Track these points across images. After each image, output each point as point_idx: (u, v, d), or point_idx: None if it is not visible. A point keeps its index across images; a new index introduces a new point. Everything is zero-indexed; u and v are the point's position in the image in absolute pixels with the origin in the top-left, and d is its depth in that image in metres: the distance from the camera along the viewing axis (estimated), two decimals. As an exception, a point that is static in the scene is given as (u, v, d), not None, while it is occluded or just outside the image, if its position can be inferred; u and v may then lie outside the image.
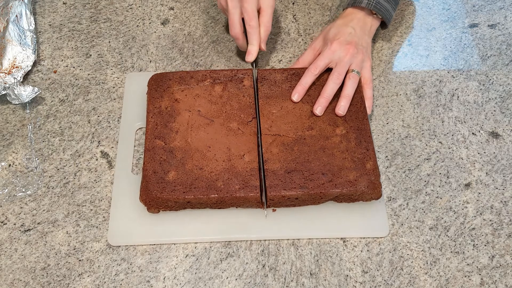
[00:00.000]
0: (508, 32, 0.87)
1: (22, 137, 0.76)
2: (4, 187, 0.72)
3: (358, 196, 0.68)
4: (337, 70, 0.73)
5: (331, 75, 0.73)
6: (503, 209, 0.70)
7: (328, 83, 0.72)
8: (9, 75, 0.78)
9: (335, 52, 0.74)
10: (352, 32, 0.76)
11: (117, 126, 0.77)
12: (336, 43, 0.74)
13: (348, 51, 0.74)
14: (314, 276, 0.65)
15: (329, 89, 0.72)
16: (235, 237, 0.67)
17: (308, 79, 0.73)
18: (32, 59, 0.81)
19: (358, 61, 0.75)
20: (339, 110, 0.71)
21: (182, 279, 0.65)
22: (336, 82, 0.72)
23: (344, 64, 0.73)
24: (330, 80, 0.73)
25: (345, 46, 0.74)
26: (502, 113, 0.78)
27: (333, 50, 0.74)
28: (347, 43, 0.74)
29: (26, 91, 0.76)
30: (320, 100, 0.72)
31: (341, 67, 0.73)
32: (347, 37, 0.75)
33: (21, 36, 0.82)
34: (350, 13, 0.79)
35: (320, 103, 0.71)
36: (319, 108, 0.71)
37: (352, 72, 0.73)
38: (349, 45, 0.74)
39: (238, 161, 0.68)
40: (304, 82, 0.73)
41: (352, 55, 0.74)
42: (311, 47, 0.79)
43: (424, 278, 0.65)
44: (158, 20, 0.88)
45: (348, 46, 0.74)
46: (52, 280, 0.65)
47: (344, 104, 0.72)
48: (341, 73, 0.73)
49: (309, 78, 0.73)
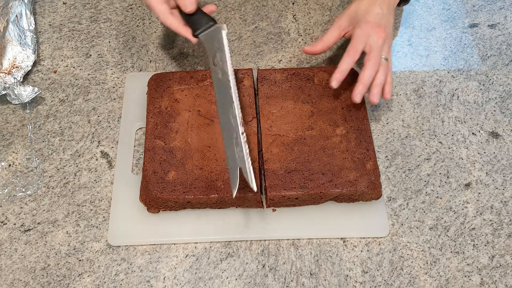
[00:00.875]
0: (508, 32, 0.87)
1: (22, 137, 0.76)
2: (4, 187, 0.72)
3: (358, 196, 0.68)
4: (373, 56, 0.69)
5: (368, 62, 0.69)
6: (503, 209, 0.70)
7: (365, 70, 0.69)
8: (9, 75, 0.78)
9: (369, 35, 0.70)
10: (380, 12, 0.72)
11: (117, 126, 0.77)
12: (369, 26, 0.70)
13: (381, 35, 0.70)
14: (314, 276, 0.65)
15: (367, 75, 0.69)
16: (235, 237, 0.67)
17: (347, 65, 0.70)
18: (32, 59, 0.81)
19: (387, 47, 0.72)
20: (374, 98, 0.69)
21: (182, 279, 0.65)
22: (374, 68, 0.69)
23: (378, 50, 0.70)
24: (367, 67, 0.69)
25: (377, 30, 0.70)
26: (502, 113, 0.78)
27: (367, 33, 0.70)
28: (378, 26, 0.71)
29: (26, 91, 0.76)
30: (359, 87, 0.69)
31: (376, 52, 0.70)
32: (377, 18, 0.71)
33: (21, 36, 0.82)
34: None
35: (359, 90, 0.69)
36: (358, 96, 0.69)
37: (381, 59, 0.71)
38: (380, 28, 0.71)
39: (238, 161, 0.68)
40: (344, 68, 0.69)
41: (384, 40, 0.70)
42: (336, 25, 0.73)
43: (424, 278, 0.65)
44: (158, 20, 0.88)
45: (379, 30, 0.70)
46: (52, 280, 0.65)
47: (377, 92, 0.70)
48: (377, 59, 0.70)
49: (349, 64, 0.70)
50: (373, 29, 0.70)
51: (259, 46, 0.85)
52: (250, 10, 0.89)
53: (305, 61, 0.83)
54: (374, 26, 0.70)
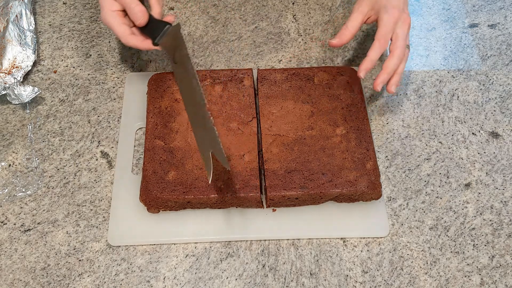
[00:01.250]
0: (508, 32, 0.87)
1: (22, 137, 0.76)
2: (4, 187, 0.72)
3: (358, 196, 0.68)
4: (400, 45, 0.68)
5: (395, 50, 0.68)
6: (503, 209, 0.70)
7: (391, 58, 0.68)
8: (9, 75, 0.78)
9: (397, 21, 0.68)
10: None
11: (117, 126, 0.77)
12: (396, 11, 0.68)
13: (406, 21, 0.68)
14: (314, 276, 0.65)
15: (393, 64, 0.67)
16: (235, 237, 0.67)
17: (377, 53, 0.68)
18: (32, 59, 0.81)
19: (408, 34, 0.70)
20: (393, 88, 0.69)
21: (182, 279, 0.65)
22: (400, 58, 0.68)
23: (405, 38, 0.68)
24: (394, 56, 0.67)
25: (404, 16, 0.68)
26: (502, 113, 0.78)
27: (395, 20, 0.68)
28: (404, 12, 0.69)
29: (26, 91, 0.76)
30: (383, 76, 0.68)
31: (402, 41, 0.68)
32: (401, 3, 0.69)
33: (21, 36, 0.82)
34: None
35: (383, 79, 0.68)
36: (381, 85, 0.68)
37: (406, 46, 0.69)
38: (406, 14, 0.69)
39: (238, 161, 0.68)
40: (374, 57, 0.68)
41: (409, 27, 0.69)
42: (358, 11, 0.70)
43: (424, 278, 0.65)
44: (158, 20, 0.88)
45: (406, 16, 0.68)
46: (52, 280, 0.65)
47: (398, 81, 0.69)
48: (403, 48, 0.68)
49: (379, 52, 0.68)
50: (400, 15, 0.68)
51: (259, 46, 0.85)
52: (250, 10, 0.89)
53: (305, 61, 0.83)
54: (401, 11, 0.68)
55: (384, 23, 0.68)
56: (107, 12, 0.66)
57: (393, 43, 0.68)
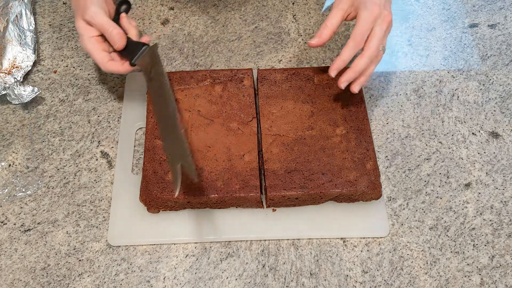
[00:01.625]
0: (508, 32, 0.87)
1: (22, 137, 0.76)
2: (4, 187, 0.72)
3: (358, 196, 0.68)
4: (374, 45, 0.64)
5: (366, 50, 0.64)
6: (503, 209, 0.70)
7: (361, 58, 0.64)
8: (9, 75, 0.78)
9: (376, 19, 0.64)
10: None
11: (117, 126, 0.77)
12: (376, 8, 0.64)
13: (386, 20, 0.64)
14: (314, 276, 0.65)
15: (362, 64, 0.64)
16: (235, 237, 0.67)
17: (350, 53, 0.64)
18: (32, 59, 0.81)
19: (387, 35, 0.66)
20: (357, 87, 0.66)
21: (182, 279, 0.65)
22: (371, 57, 0.64)
23: (381, 37, 0.64)
24: (365, 55, 0.64)
25: (385, 13, 0.64)
26: (502, 113, 0.78)
27: (374, 17, 0.64)
28: (385, 9, 0.65)
29: (26, 91, 0.76)
30: (349, 74, 0.65)
31: (378, 41, 0.64)
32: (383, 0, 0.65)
33: (21, 36, 0.82)
34: None
35: (348, 77, 0.65)
36: (345, 83, 0.66)
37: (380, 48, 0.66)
38: (386, 11, 0.65)
39: (238, 161, 0.68)
40: (346, 56, 0.64)
41: (388, 25, 0.65)
42: (338, 7, 0.66)
43: (424, 278, 0.65)
44: (158, 20, 0.88)
45: (387, 14, 0.65)
46: (52, 280, 0.65)
47: (363, 81, 0.66)
48: (377, 49, 0.64)
49: (352, 52, 0.64)
50: (381, 12, 0.64)
51: (259, 46, 0.85)
52: (250, 10, 0.89)
53: (305, 61, 0.83)
54: (382, 8, 0.65)
55: (361, 21, 0.64)
56: (86, 39, 0.67)
57: (367, 42, 0.64)
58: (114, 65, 0.67)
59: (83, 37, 0.67)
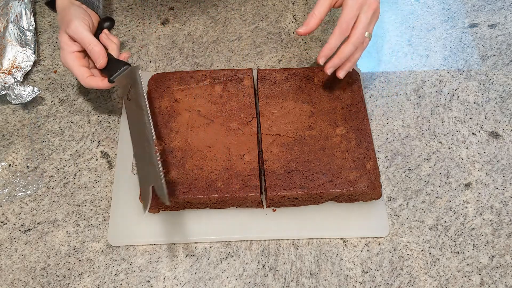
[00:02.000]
0: (508, 32, 0.87)
1: (22, 137, 0.76)
2: (4, 187, 0.72)
3: (358, 196, 0.68)
4: (359, 32, 0.64)
5: (352, 36, 0.65)
6: (503, 209, 0.70)
7: (347, 44, 0.65)
8: (9, 75, 0.78)
9: (362, 6, 0.64)
10: None
11: (117, 126, 0.77)
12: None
13: (372, 6, 0.64)
14: (314, 276, 0.65)
15: (348, 50, 0.65)
16: (235, 237, 0.67)
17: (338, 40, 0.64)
18: (32, 59, 0.81)
19: (374, 21, 0.67)
20: (342, 73, 0.67)
21: (182, 279, 0.65)
22: (356, 44, 0.65)
23: (366, 25, 0.65)
24: (350, 42, 0.65)
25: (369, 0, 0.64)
26: (502, 113, 0.78)
27: (359, 4, 0.64)
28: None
29: (26, 91, 0.76)
30: (334, 61, 0.66)
31: (363, 28, 0.64)
32: None
33: (21, 36, 0.82)
34: None
35: (334, 64, 0.66)
36: (331, 69, 0.66)
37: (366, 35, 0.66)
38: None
39: (238, 161, 0.68)
40: (333, 44, 0.64)
41: (375, 12, 0.65)
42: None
43: (424, 278, 0.65)
44: (158, 20, 0.88)
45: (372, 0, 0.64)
46: (52, 280, 0.65)
47: (349, 67, 0.67)
48: (362, 36, 0.65)
49: (339, 39, 0.65)
50: None
51: (259, 46, 0.85)
52: (250, 10, 0.89)
53: (305, 61, 0.83)
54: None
55: (347, 8, 0.64)
56: (66, 54, 0.67)
57: (353, 28, 0.65)
58: (93, 80, 0.67)
59: (64, 51, 0.67)
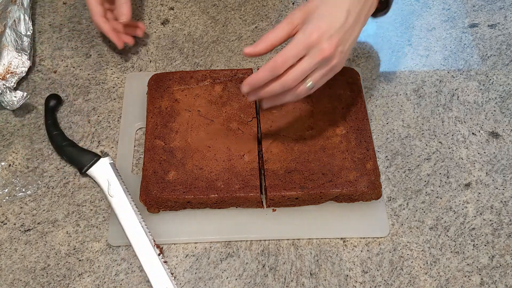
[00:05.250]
0: (508, 32, 0.87)
1: (22, 137, 0.76)
2: (4, 187, 0.72)
3: (358, 196, 0.68)
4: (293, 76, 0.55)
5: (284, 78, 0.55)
6: (503, 209, 0.70)
7: (276, 83, 0.56)
8: (3, 81, 0.76)
9: (310, 47, 0.54)
10: (342, 20, 0.54)
11: (117, 126, 0.77)
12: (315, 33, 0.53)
13: (321, 53, 0.54)
14: (314, 276, 0.65)
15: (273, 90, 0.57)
16: (235, 237, 0.67)
17: (266, 75, 0.55)
18: (27, 65, 0.79)
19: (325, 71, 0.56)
20: (264, 105, 0.60)
21: (182, 279, 0.65)
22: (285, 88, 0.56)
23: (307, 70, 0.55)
24: (280, 82, 0.55)
25: (323, 45, 0.53)
26: (502, 113, 0.78)
27: (308, 43, 0.53)
28: (329, 37, 0.54)
29: (17, 96, 0.74)
30: (258, 92, 0.58)
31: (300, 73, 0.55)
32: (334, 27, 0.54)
33: (18, 41, 0.80)
34: None
35: (257, 95, 0.58)
36: (251, 97, 0.59)
37: (305, 83, 0.56)
38: (330, 42, 0.54)
39: (238, 161, 0.68)
40: (261, 77, 0.55)
41: (327, 62, 0.55)
42: (288, 20, 0.56)
43: (424, 278, 0.65)
44: (158, 20, 0.88)
45: (326, 46, 0.54)
46: (52, 280, 0.65)
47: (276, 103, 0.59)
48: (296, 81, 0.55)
49: (268, 75, 0.55)
50: (319, 42, 0.54)
51: (259, 46, 0.85)
52: (250, 10, 0.89)
53: (305, 61, 0.83)
54: (324, 39, 0.54)
55: (292, 43, 0.54)
56: None
57: (288, 70, 0.55)
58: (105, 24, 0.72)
59: None
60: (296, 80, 0.55)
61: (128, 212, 0.67)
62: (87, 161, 0.71)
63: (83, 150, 0.72)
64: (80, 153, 0.72)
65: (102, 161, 0.71)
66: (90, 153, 0.72)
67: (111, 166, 0.70)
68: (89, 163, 0.70)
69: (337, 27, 0.54)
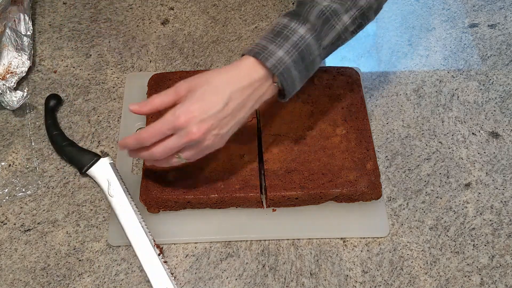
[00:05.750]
0: (508, 32, 0.87)
1: (22, 137, 0.76)
2: (4, 187, 0.72)
3: (358, 196, 0.68)
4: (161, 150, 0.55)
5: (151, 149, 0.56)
6: (503, 209, 0.70)
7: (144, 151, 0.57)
8: (3, 81, 0.76)
9: (177, 129, 0.54)
10: (221, 106, 0.54)
11: (117, 126, 0.77)
12: (183, 117, 0.53)
13: (188, 136, 0.53)
14: (314, 276, 0.65)
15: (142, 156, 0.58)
16: (235, 237, 0.67)
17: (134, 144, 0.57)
18: (27, 65, 0.80)
19: (197, 150, 0.57)
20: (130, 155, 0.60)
21: (182, 279, 0.65)
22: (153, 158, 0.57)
23: (175, 148, 0.55)
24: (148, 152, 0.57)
25: (192, 129, 0.53)
26: (502, 113, 0.78)
27: (175, 125, 0.54)
28: (199, 122, 0.53)
29: (17, 96, 0.74)
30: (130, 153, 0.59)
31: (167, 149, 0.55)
32: (208, 112, 0.53)
33: (18, 41, 0.81)
34: (245, 67, 0.55)
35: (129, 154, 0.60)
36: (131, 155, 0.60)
37: (176, 156, 0.57)
38: (199, 126, 0.53)
39: (238, 161, 0.68)
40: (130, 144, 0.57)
41: (192, 141, 0.54)
42: (175, 89, 0.56)
43: (424, 278, 0.65)
44: (158, 20, 0.88)
45: (194, 131, 0.53)
46: (52, 280, 0.65)
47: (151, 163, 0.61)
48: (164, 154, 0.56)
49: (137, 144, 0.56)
50: (187, 127, 0.53)
51: (259, 46, 0.85)
52: (250, 10, 0.89)
53: (305, 61, 0.83)
54: (192, 124, 0.53)
55: (160, 121, 0.54)
56: None
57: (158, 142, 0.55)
58: None
59: None
60: (164, 155, 0.56)
61: (128, 212, 0.67)
62: (87, 161, 0.71)
63: (83, 150, 0.72)
64: (80, 153, 0.72)
65: (102, 161, 0.71)
66: (90, 153, 0.72)
67: (111, 166, 0.70)
68: (89, 163, 0.70)
69: (211, 113, 0.54)
